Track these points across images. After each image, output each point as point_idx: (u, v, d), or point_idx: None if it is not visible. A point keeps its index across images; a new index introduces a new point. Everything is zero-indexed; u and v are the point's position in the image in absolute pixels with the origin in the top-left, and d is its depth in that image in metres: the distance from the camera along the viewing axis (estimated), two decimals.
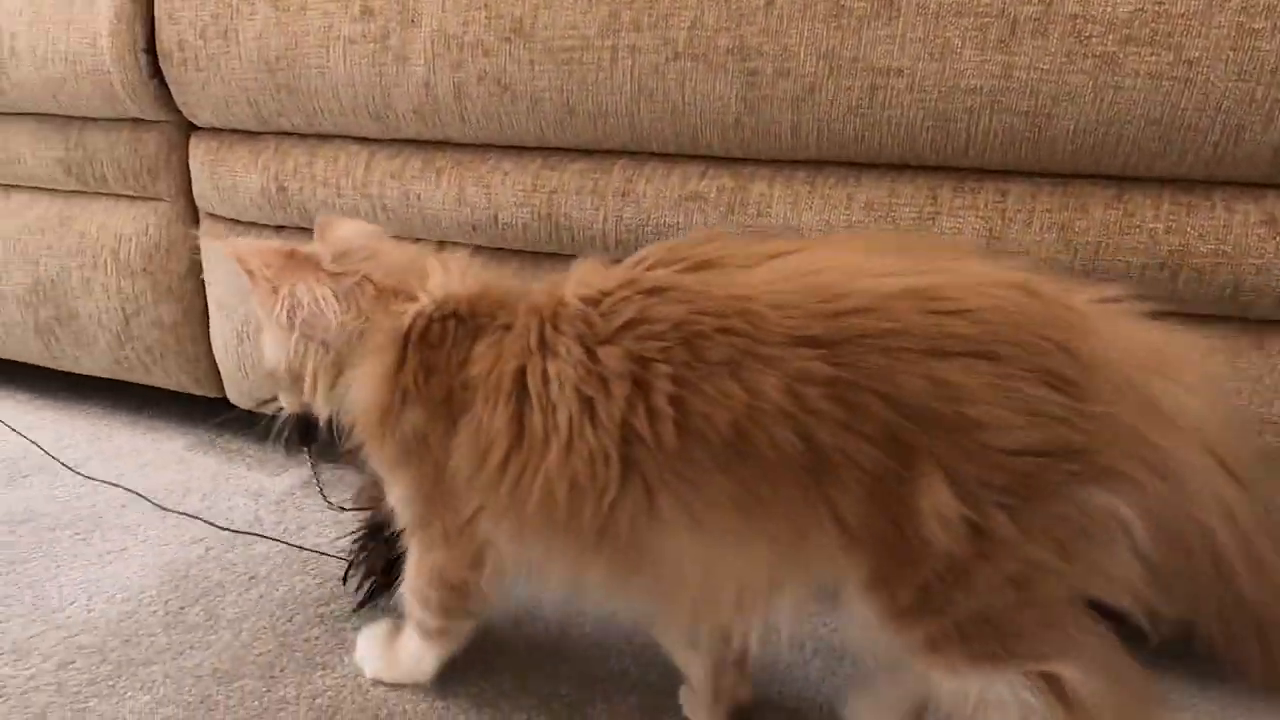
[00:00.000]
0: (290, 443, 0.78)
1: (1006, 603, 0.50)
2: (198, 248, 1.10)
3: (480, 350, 0.59)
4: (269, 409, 0.79)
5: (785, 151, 0.81)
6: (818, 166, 0.81)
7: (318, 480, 0.86)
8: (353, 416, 0.66)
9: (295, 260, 0.66)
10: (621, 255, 0.61)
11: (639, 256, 0.57)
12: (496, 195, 0.91)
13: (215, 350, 1.14)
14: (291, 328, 0.64)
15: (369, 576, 0.83)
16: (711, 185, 0.84)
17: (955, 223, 0.76)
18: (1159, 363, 0.49)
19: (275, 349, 0.67)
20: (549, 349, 0.55)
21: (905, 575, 0.50)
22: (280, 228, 1.06)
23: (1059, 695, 0.50)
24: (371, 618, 0.80)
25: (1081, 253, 0.73)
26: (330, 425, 0.70)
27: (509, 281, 0.67)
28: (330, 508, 0.86)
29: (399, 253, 0.68)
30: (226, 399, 1.17)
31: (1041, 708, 0.50)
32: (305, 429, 0.73)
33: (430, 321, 0.62)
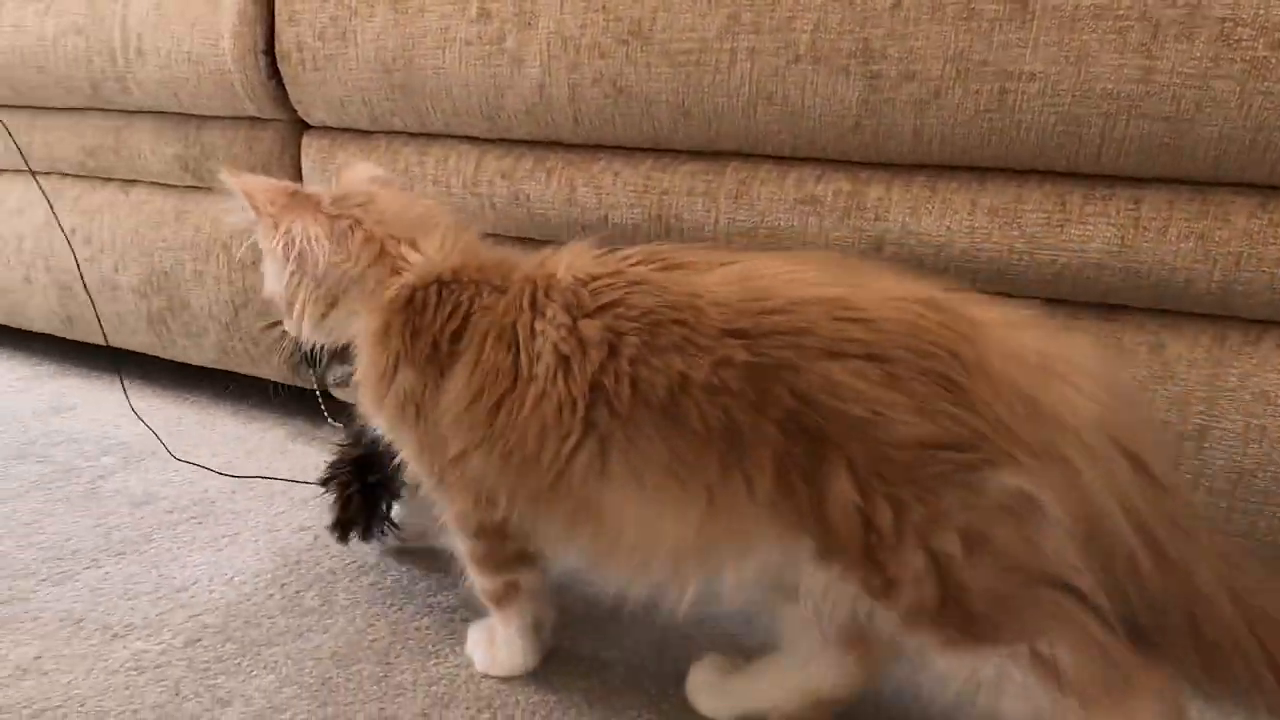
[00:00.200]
0: (293, 364, 0.83)
1: (945, 586, 0.53)
2: None
3: (476, 308, 0.66)
4: (274, 332, 0.84)
5: (906, 155, 0.80)
6: (939, 171, 0.81)
7: (321, 400, 0.90)
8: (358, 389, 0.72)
9: (297, 199, 0.71)
10: None
11: (626, 254, 0.64)
12: (607, 196, 0.92)
13: None
14: (287, 261, 0.70)
15: (340, 498, 0.89)
16: (827, 189, 0.84)
17: (1085, 231, 0.75)
18: (1049, 366, 0.53)
19: (273, 279, 0.73)
20: (539, 310, 0.63)
21: (851, 553, 0.54)
22: None
23: (1048, 672, 0.53)
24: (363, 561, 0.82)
25: (1221, 263, 0.71)
26: (319, 355, 0.75)
27: (493, 250, 0.74)
28: (328, 423, 0.89)
29: (395, 203, 0.73)
30: (328, 391, 1.20)
31: (1033, 685, 0.54)
32: (310, 352, 0.77)
33: (414, 291, 0.68)
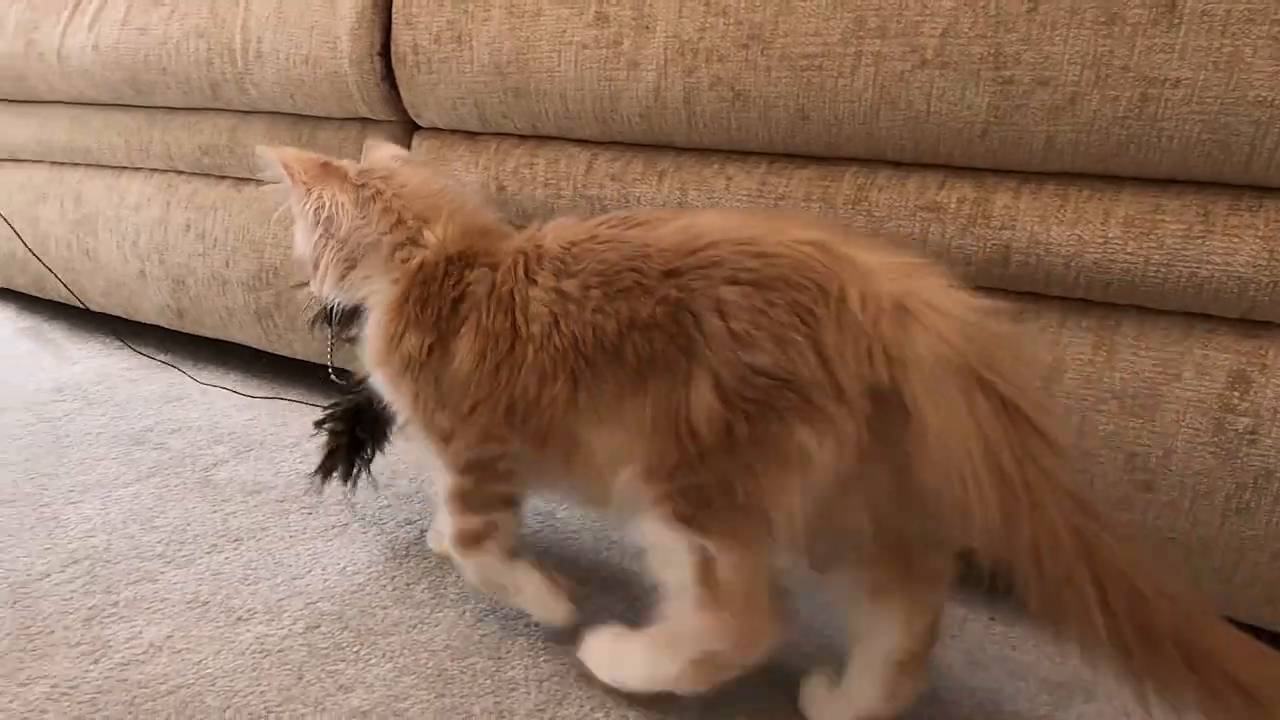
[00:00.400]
0: (316, 322, 0.89)
1: (722, 487, 0.62)
2: None
3: (473, 279, 0.74)
4: (301, 292, 0.92)
5: (1036, 163, 0.78)
6: (1071, 179, 0.79)
7: (331, 355, 0.94)
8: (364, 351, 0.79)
9: (328, 170, 0.79)
10: None
11: (604, 219, 0.72)
12: (721, 200, 0.92)
13: None
14: (316, 224, 0.77)
15: (330, 444, 0.96)
16: (951, 196, 0.82)
17: (1229, 242, 0.72)
18: (909, 307, 0.57)
19: (303, 240, 0.81)
20: (531, 278, 0.71)
21: (667, 450, 0.64)
22: None
23: (705, 569, 0.64)
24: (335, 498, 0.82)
25: None
26: (338, 312, 0.82)
27: (498, 225, 0.81)
28: (330, 376, 0.95)
29: (415, 179, 0.81)
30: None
31: (688, 571, 0.65)
32: (329, 310, 0.83)
33: (429, 263, 0.75)
